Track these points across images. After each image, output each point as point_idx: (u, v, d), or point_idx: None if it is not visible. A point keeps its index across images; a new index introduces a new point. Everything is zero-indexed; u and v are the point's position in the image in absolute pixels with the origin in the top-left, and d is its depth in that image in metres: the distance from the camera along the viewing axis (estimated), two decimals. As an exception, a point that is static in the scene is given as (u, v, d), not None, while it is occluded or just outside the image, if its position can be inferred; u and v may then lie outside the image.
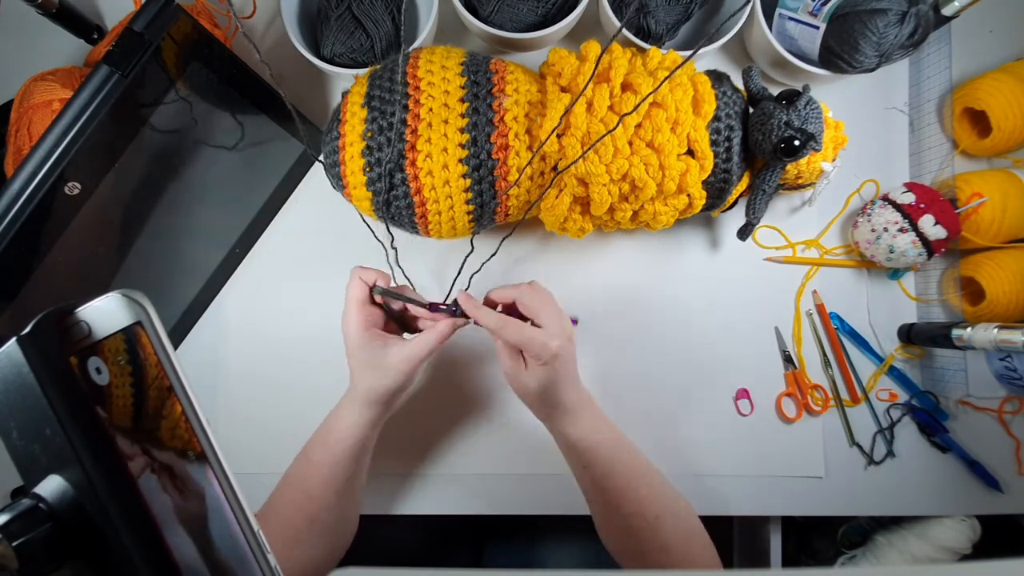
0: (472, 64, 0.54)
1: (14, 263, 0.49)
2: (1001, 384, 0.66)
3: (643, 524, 0.51)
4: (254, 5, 0.68)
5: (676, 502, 0.54)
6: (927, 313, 0.67)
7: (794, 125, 0.53)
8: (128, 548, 0.23)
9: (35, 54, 0.68)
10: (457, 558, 0.78)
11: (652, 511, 0.51)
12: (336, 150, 0.54)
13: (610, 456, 0.52)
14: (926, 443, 0.66)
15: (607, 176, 0.52)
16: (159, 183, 0.58)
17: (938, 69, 0.67)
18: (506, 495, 0.64)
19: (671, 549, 0.51)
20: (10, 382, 0.23)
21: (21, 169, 0.46)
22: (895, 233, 0.61)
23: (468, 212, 0.55)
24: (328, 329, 0.65)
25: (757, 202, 0.59)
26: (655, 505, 0.52)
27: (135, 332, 0.25)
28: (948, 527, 0.65)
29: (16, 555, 0.21)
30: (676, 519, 0.52)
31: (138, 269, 0.60)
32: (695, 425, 0.65)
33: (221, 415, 0.65)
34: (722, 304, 0.67)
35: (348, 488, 0.53)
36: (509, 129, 0.52)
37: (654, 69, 0.54)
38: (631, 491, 0.52)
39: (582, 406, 0.53)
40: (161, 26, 0.48)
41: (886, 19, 0.57)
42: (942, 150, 0.67)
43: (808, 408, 0.65)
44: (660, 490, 0.53)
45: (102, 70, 0.47)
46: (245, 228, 0.66)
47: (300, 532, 0.51)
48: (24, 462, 0.23)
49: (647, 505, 0.52)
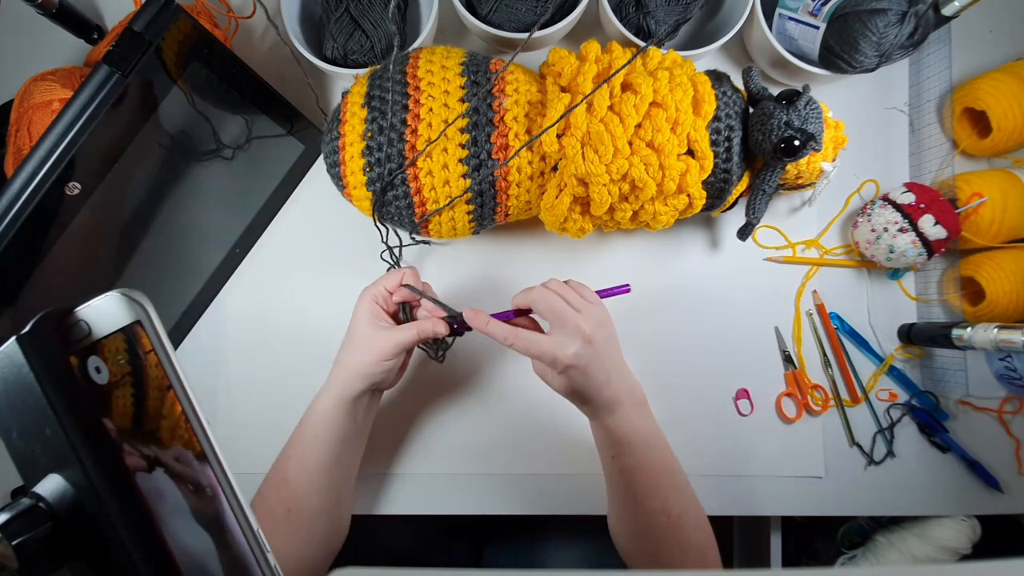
0: (472, 64, 0.54)
1: (14, 263, 0.49)
2: (1001, 384, 0.66)
3: (665, 521, 0.51)
4: (254, 5, 0.67)
5: (697, 504, 0.54)
6: (927, 313, 0.67)
7: (794, 125, 0.53)
8: (128, 548, 0.23)
9: (35, 54, 0.68)
10: (457, 558, 0.78)
11: (676, 509, 0.51)
12: (336, 150, 0.54)
13: (644, 450, 0.52)
14: (926, 443, 0.66)
15: (607, 176, 0.52)
16: (159, 183, 0.58)
17: (938, 69, 0.67)
18: (506, 495, 0.64)
19: (689, 549, 0.51)
20: (10, 382, 0.23)
21: (21, 169, 0.46)
22: (895, 233, 0.61)
23: (468, 212, 0.55)
24: (328, 329, 0.65)
25: (757, 202, 0.59)
26: (680, 504, 0.52)
27: (135, 332, 0.25)
28: (948, 527, 0.65)
29: (16, 555, 0.21)
30: (698, 521, 0.52)
31: (138, 269, 0.60)
32: (695, 425, 0.65)
33: (221, 415, 0.65)
34: (722, 304, 0.67)
35: (326, 474, 0.52)
36: (509, 129, 0.52)
37: (654, 69, 0.54)
38: (659, 487, 0.51)
39: (618, 401, 0.52)
40: (161, 26, 0.48)
41: (886, 19, 0.57)
42: (942, 150, 0.67)
43: (808, 408, 0.65)
44: (686, 491, 0.53)
45: (102, 70, 0.47)
46: (245, 228, 0.66)
47: (278, 520, 0.51)
48: (24, 462, 0.23)
49: (672, 503, 0.51)
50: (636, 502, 0.52)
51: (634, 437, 0.52)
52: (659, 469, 0.52)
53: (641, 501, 0.51)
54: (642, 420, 0.53)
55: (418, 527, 0.77)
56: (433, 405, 0.65)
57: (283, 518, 0.51)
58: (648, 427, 0.54)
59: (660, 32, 0.61)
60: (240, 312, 0.66)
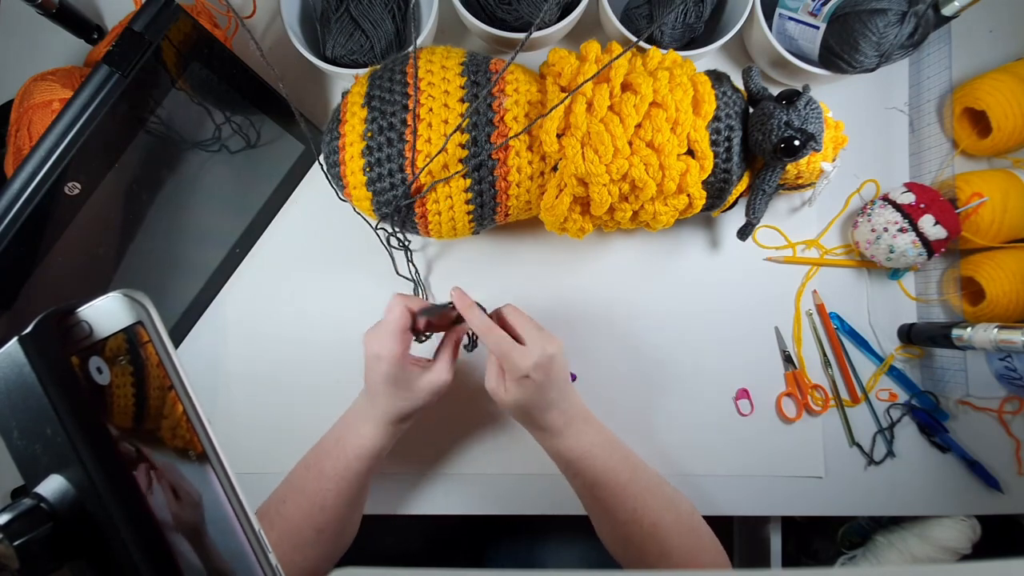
0: (472, 64, 0.54)
1: (14, 263, 0.49)
2: (1001, 384, 0.66)
3: (639, 531, 0.51)
4: (254, 5, 0.67)
5: (675, 505, 0.53)
6: (927, 313, 0.67)
7: (794, 125, 0.53)
8: (129, 548, 0.23)
9: (35, 54, 0.68)
10: (457, 558, 0.78)
11: (648, 519, 0.51)
12: (336, 150, 0.54)
13: (601, 465, 0.52)
14: (926, 443, 0.66)
15: (607, 176, 0.52)
16: (159, 183, 0.58)
17: (938, 69, 0.67)
18: (506, 495, 0.64)
19: (672, 554, 0.51)
20: (11, 382, 0.23)
21: (21, 169, 0.46)
22: (895, 233, 0.61)
23: (468, 212, 0.55)
24: (328, 329, 0.65)
25: (757, 202, 0.59)
26: (650, 513, 0.51)
27: (136, 332, 0.25)
28: (948, 527, 0.65)
29: (17, 555, 0.21)
30: (676, 523, 0.52)
31: (138, 269, 0.60)
32: (695, 425, 0.65)
33: (221, 415, 0.65)
34: (722, 304, 0.67)
35: (359, 499, 0.54)
36: (509, 129, 0.52)
37: (654, 69, 0.54)
38: (625, 498, 0.52)
39: (566, 423, 0.52)
40: (161, 26, 0.48)
41: (886, 19, 0.57)
42: (942, 150, 0.67)
43: (808, 408, 0.65)
44: (656, 495, 0.53)
45: (102, 70, 0.47)
46: (245, 228, 0.66)
47: (307, 540, 0.52)
48: (25, 462, 0.23)
49: (641, 512, 0.51)
50: (608, 515, 0.52)
51: (586, 456, 0.52)
52: (620, 480, 0.52)
53: (612, 513, 0.52)
54: (593, 434, 0.54)
55: (418, 527, 0.77)
56: (433, 406, 0.65)
57: (312, 538, 0.52)
58: (602, 439, 0.54)
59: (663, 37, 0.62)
60: (240, 312, 0.66)
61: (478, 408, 0.65)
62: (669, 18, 0.61)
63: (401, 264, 0.65)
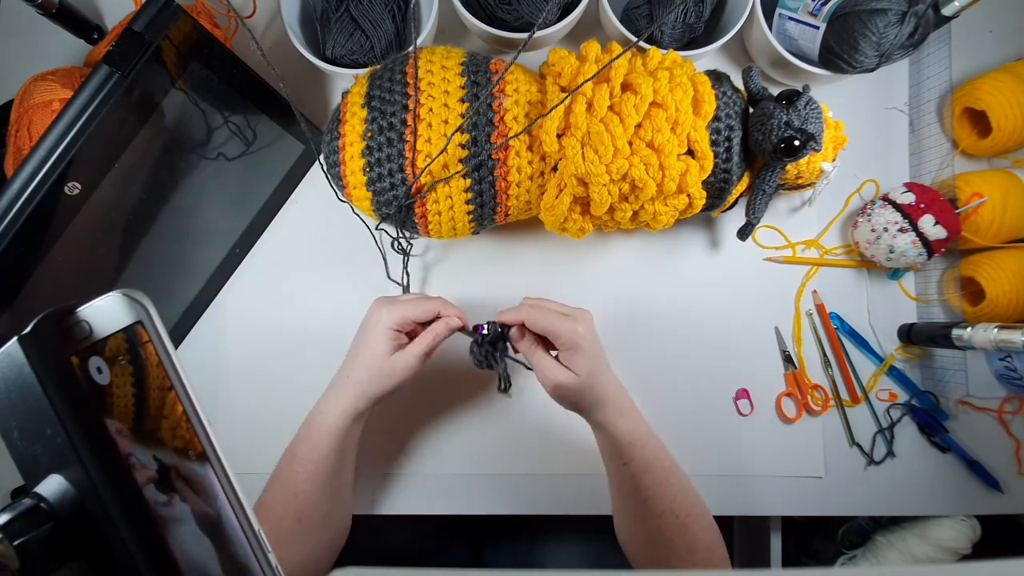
0: (472, 64, 0.54)
1: (14, 263, 0.49)
2: (1001, 384, 0.66)
3: (675, 522, 0.51)
4: (254, 5, 0.67)
5: (701, 500, 0.54)
6: (927, 313, 0.67)
7: (794, 125, 0.53)
8: (129, 548, 0.23)
9: (35, 54, 0.68)
10: (457, 558, 0.78)
11: (684, 509, 0.52)
12: (336, 150, 0.54)
13: (650, 452, 0.53)
14: (926, 443, 0.66)
15: (607, 176, 0.52)
16: (159, 183, 0.58)
17: (938, 69, 0.67)
18: (506, 495, 0.64)
19: (698, 548, 0.51)
20: (11, 382, 0.23)
21: (21, 169, 0.46)
22: (895, 233, 0.61)
23: (468, 212, 0.55)
24: (328, 328, 0.65)
25: (757, 202, 0.59)
26: (686, 504, 0.52)
27: (136, 332, 0.25)
28: (948, 527, 0.65)
29: (17, 555, 0.21)
30: (703, 518, 0.53)
31: (138, 269, 0.60)
32: (695, 425, 0.65)
33: (221, 415, 0.65)
34: (722, 304, 0.67)
35: (333, 482, 0.53)
36: (509, 129, 0.52)
37: (654, 69, 0.54)
38: (668, 487, 0.52)
39: (623, 398, 0.54)
40: (161, 26, 0.48)
41: (886, 19, 0.57)
42: (942, 150, 0.67)
43: (808, 408, 0.65)
44: (690, 491, 0.54)
45: (102, 70, 0.47)
46: (245, 228, 0.66)
47: (290, 531, 0.51)
48: (25, 462, 0.23)
49: (679, 504, 0.52)
50: (646, 506, 0.52)
51: (639, 441, 0.53)
52: (665, 469, 0.53)
53: (651, 505, 0.52)
54: (642, 422, 0.54)
55: (418, 527, 0.77)
56: (433, 405, 0.65)
57: (294, 528, 0.51)
58: (647, 429, 0.54)
59: (663, 37, 0.62)
60: (240, 312, 0.66)
61: (478, 408, 0.65)
62: (669, 18, 0.61)
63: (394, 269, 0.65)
